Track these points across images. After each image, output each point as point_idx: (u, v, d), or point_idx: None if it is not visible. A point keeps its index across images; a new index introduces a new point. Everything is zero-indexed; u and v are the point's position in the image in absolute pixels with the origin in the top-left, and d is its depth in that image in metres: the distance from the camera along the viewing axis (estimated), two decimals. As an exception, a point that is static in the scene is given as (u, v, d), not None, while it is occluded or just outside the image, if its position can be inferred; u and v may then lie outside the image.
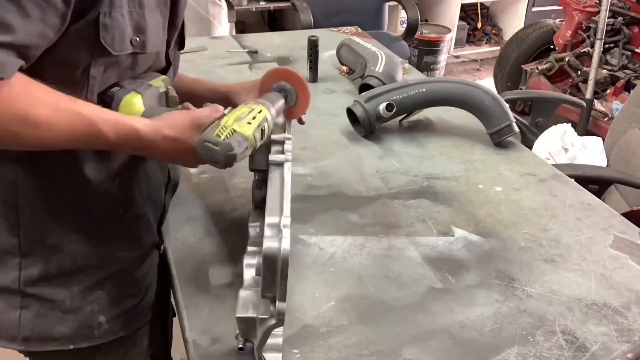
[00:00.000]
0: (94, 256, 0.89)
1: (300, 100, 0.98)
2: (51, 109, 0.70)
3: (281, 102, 0.93)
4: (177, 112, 0.83)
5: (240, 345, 0.79)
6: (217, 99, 1.00)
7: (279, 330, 0.79)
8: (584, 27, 3.55)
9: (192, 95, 1.01)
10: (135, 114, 0.81)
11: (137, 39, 0.80)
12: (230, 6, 2.61)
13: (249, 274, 0.84)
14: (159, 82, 0.88)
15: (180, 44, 0.99)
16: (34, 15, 0.66)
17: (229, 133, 0.78)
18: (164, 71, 0.92)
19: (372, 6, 3.55)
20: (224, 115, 0.83)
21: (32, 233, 0.84)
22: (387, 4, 3.59)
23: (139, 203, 0.95)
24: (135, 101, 0.82)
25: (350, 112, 1.48)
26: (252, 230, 0.94)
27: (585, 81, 3.28)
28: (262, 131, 0.83)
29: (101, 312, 0.91)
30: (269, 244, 0.68)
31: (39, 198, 0.83)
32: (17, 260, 0.85)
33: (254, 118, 0.82)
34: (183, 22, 0.95)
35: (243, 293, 0.80)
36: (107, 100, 0.82)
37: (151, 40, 0.83)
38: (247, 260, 0.86)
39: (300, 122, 1.04)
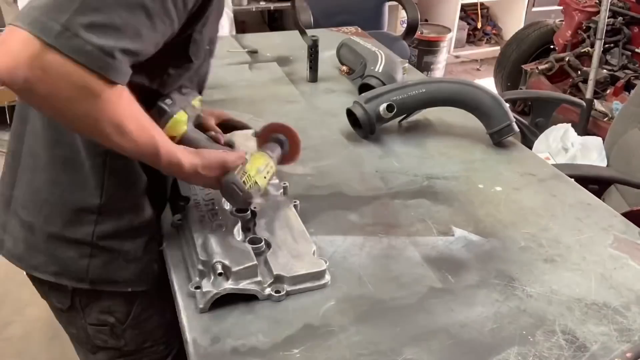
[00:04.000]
0: (152, 214, 1.03)
1: (293, 149, 1.10)
2: (138, 126, 0.81)
3: (278, 153, 1.07)
4: (211, 151, 0.96)
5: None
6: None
7: None
8: (584, 27, 3.55)
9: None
10: (179, 130, 0.96)
11: (209, 47, 0.97)
12: None
13: None
14: (197, 103, 1.01)
15: None
16: (159, 29, 0.77)
17: (252, 184, 0.95)
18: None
19: (372, 6, 3.55)
20: (246, 160, 0.98)
21: (113, 196, 0.96)
22: (387, 4, 3.59)
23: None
24: (183, 120, 0.96)
25: (350, 113, 1.48)
26: None
27: (585, 81, 3.28)
28: (269, 183, 1.02)
29: (156, 261, 1.04)
30: None
31: (124, 170, 0.96)
32: (93, 217, 0.97)
33: (268, 172, 0.99)
34: None
35: None
36: (160, 111, 0.94)
37: (216, 47, 1.00)
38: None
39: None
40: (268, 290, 0.91)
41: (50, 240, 0.98)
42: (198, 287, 0.90)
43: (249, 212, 1.04)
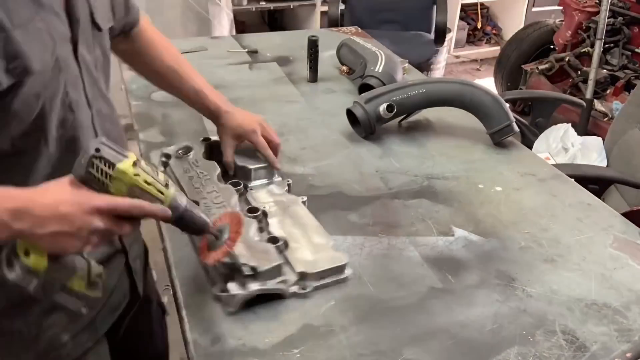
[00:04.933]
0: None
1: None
2: None
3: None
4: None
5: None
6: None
7: None
8: (584, 27, 3.54)
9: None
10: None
11: (14, 65, 0.69)
12: None
13: None
14: None
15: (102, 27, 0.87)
16: None
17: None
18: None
19: (420, 7, 3.45)
20: None
21: None
22: (435, 6, 3.41)
23: None
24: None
25: (350, 113, 1.48)
26: None
27: (585, 81, 3.27)
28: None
29: (63, 332, 0.87)
30: None
31: None
32: None
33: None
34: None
35: None
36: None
37: (36, 57, 0.71)
38: None
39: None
40: (293, 289, 0.92)
41: None
42: (224, 291, 0.89)
43: (260, 212, 1.03)
